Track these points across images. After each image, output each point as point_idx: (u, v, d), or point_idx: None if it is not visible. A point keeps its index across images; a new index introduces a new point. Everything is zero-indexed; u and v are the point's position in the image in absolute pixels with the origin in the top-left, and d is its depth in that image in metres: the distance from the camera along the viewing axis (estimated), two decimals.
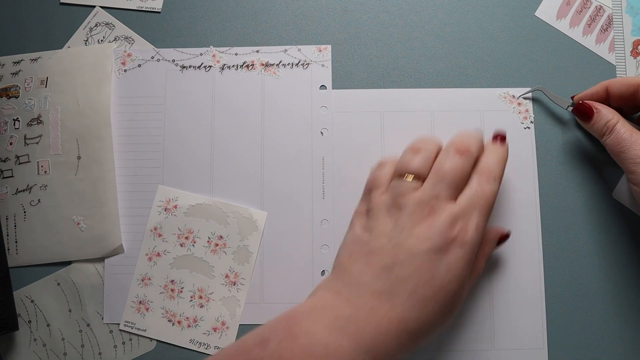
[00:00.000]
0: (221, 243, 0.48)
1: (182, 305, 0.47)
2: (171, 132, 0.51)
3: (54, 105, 0.52)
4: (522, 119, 0.51)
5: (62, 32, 0.54)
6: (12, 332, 0.48)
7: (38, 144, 0.51)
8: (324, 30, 0.53)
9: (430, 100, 0.51)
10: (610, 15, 0.53)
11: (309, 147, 0.51)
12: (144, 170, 0.51)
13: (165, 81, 0.52)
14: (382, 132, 0.51)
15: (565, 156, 0.50)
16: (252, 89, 0.52)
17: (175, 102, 0.52)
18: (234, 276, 0.47)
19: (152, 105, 0.52)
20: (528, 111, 0.51)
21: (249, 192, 0.50)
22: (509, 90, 0.51)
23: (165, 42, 0.53)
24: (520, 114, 0.51)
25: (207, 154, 0.51)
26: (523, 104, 0.51)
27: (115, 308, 0.49)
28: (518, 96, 0.50)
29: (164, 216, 0.48)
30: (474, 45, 0.53)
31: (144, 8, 0.54)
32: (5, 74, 0.53)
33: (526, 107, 0.51)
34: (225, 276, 0.47)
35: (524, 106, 0.51)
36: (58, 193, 0.50)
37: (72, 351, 0.48)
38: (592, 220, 0.49)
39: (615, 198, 0.49)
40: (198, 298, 0.47)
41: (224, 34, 0.54)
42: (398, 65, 0.53)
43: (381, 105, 0.51)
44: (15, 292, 0.49)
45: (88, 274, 0.49)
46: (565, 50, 0.53)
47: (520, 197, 0.49)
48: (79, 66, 0.52)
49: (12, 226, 0.50)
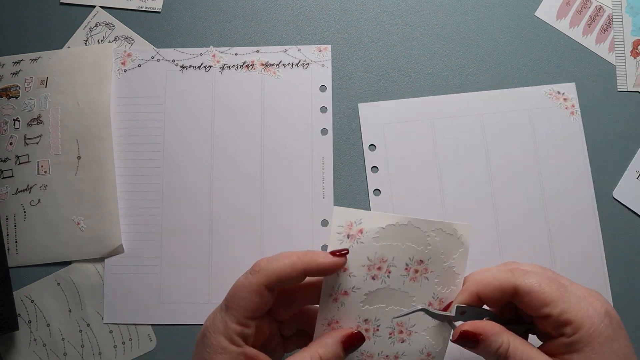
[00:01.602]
0: (422, 268, 0.40)
1: (379, 344, 0.40)
2: (171, 132, 0.51)
3: (54, 105, 0.52)
4: (569, 114, 0.51)
5: (62, 32, 0.54)
6: (12, 332, 0.48)
7: (38, 144, 0.51)
8: (324, 30, 0.53)
9: (478, 103, 0.51)
10: (610, 15, 0.53)
11: (309, 147, 0.51)
12: (144, 170, 0.51)
13: (165, 81, 0.52)
14: (434, 139, 0.51)
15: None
16: (252, 89, 0.52)
17: (175, 102, 0.52)
18: (438, 303, 0.40)
19: (152, 105, 0.52)
20: (574, 106, 0.51)
21: (248, 192, 0.50)
22: (554, 87, 0.52)
23: (165, 42, 0.53)
24: (567, 109, 0.51)
25: (207, 154, 0.51)
26: (569, 100, 0.51)
27: (115, 308, 0.49)
28: (397, 316, 0.41)
29: (348, 245, 0.39)
30: (474, 45, 0.53)
31: (144, 8, 0.54)
32: (5, 74, 0.53)
33: (572, 102, 0.51)
34: (429, 304, 0.40)
35: (570, 101, 0.51)
36: (58, 193, 0.50)
37: (72, 351, 0.48)
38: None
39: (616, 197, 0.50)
40: (398, 333, 0.41)
41: (224, 34, 0.54)
42: (398, 65, 0.53)
43: (431, 113, 0.51)
44: (15, 292, 0.49)
45: (88, 274, 0.49)
46: (565, 50, 0.53)
47: (574, 191, 0.50)
48: (79, 66, 0.52)
49: (12, 226, 0.50)
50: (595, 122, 0.51)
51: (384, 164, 0.51)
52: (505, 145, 0.51)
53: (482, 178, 0.50)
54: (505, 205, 0.49)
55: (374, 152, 0.51)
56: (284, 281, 0.36)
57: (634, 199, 0.49)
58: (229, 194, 0.50)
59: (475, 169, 0.50)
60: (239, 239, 0.50)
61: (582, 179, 0.50)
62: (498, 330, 0.37)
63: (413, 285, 0.40)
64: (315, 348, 0.36)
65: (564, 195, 0.49)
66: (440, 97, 0.52)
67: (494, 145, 0.51)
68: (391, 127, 0.51)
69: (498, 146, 0.50)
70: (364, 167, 0.51)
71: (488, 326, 0.37)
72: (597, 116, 0.51)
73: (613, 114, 0.51)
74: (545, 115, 0.51)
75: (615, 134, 0.51)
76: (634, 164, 0.50)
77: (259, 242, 0.50)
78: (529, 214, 0.49)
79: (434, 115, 0.51)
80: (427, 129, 0.51)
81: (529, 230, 0.48)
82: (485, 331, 0.36)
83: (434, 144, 0.51)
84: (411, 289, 0.39)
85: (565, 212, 0.49)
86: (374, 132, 0.51)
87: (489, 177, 0.50)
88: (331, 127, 0.51)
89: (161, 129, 0.51)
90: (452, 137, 0.51)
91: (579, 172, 0.50)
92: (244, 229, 0.50)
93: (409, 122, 0.51)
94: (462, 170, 0.50)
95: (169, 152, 0.51)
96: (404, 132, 0.51)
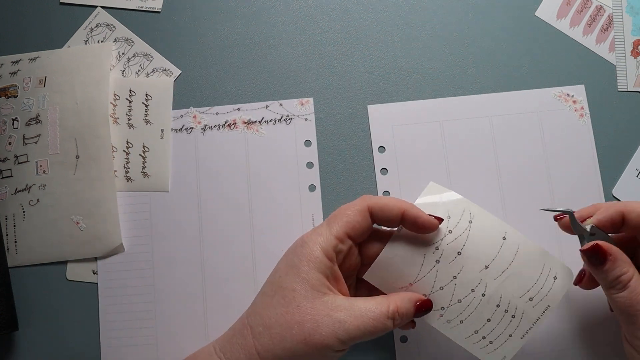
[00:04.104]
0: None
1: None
2: (158, 201, 0.50)
3: (53, 105, 0.51)
4: (579, 116, 0.51)
5: (62, 32, 0.53)
6: (12, 332, 0.48)
7: (37, 144, 0.51)
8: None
9: (487, 105, 0.51)
10: (611, 15, 0.53)
11: (298, 205, 0.50)
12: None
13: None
14: (444, 141, 0.51)
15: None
16: (236, 148, 0.51)
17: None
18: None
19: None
20: (584, 108, 0.51)
21: (239, 259, 0.49)
22: (563, 89, 0.52)
23: (165, 42, 0.53)
24: (577, 111, 0.51)
25: (195, 219, 0.50)
26: (578, 102, 0.51)
27: (114, 308, 0.49)
28: (548, 209, 0.43)
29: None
30: (474, 45, 0.53)
31: (144, 8, 0.54)
32: (3, 74, 0.52)
33: (581, 104, 0.51)
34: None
35: (579, 104, 0.51)
36: (57, 192, 0.50)
37: (72, 351, 0.48)
38: None
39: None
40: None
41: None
42: (398, 65, 0.53)
43: (440, 115, 0.51)
44: (15, 292, 0.49)
45: (88, 274, 0.49)
46: (565, 50, 0.53)
47: (583, 194, 0.50)
48: (77, 65, 0.52)
49: (12, 226, 0.50)
50: (595, 121, 0.51)
51: (393, 166, 0.51)
52: (514, 147, 0.51)
53: (492, 179, 0.50)
54: (514, 206, 0.49)
55: (383, 154, 0.51)
56: (385, 211, 0.40)
57: (633, 197, 0.49)
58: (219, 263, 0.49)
59: (484, 170, 0.50)
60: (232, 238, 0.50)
61: (591, 181, 0.50)
62: (627, 260, 0.38)
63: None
64: (395, 299, 0.39)
65: (573, 198, 0.49)
66: (449, 99, 0.52)
67: (503, 147, 0.51)
68: (400, 128, 0.51)
69: (507, 148, 0.51)
70: (373, 169, 0.51)
71: (619, 252, 0.38)
72: (597, 116, 0.51)
73: (613, 114, 0.51)
74: (554, 117, 0.51)
75: (615, 133, 0.51)
76: (633, 162, 0.50)
77: (250, 233, 0.50)
78: (538, 216, 0.49)
79: (443, 117, 0.51)
80: (436, 130, 0.51)
81: (538, 232, 0.48)
82: (616, 254, 0.38)
83: (443, 145, 0.51)
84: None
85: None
86: (383, 133, 0.51)
87: (498, 178, 0.50)
88: (319, 182, 0.51)
89: (148, 196, 0.51)
90: (462, 138, 0.51)
91: (588, 174, 0.50)
92: (236, 224, 0.50)
93: (418, 123, 0.51)
94: (471, 172, 0.50)
95: (157, 223, 0.50)
96: (413, 133, 0.51)
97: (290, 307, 0.38)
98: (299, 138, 0.51)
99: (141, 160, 0.51)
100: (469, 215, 0.41)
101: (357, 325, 0.37)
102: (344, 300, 0.38)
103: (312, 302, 0.38)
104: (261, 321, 0.38)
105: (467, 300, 0.41)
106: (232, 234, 0.50)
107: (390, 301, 0.39)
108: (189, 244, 0.49)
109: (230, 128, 0.51)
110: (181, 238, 0.49)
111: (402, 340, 0.47)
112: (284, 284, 0.39)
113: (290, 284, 0.38)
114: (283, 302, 0.38)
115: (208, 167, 0.51)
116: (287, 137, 0.51)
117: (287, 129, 0.51)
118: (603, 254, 0.38)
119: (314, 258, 0.38)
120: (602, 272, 0.38)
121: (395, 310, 0.38)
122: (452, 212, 0.41)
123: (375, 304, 0.38)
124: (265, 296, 0.39)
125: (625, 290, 0.37)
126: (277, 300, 0.38)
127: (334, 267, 0.39)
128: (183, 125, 0.52)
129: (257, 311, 0.39)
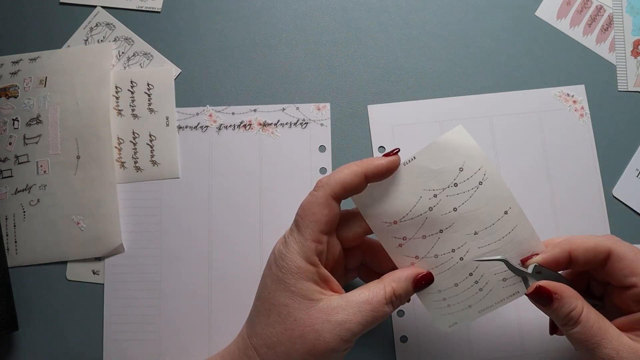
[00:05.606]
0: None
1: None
2: (168, 193, 0.50)
3: (53, 105, 0.51)
4: (579, 116, 0.51)
5: (62, 32, 0.54)
6: (12, 332, 0.48)
7: (37, 144, 0.51)
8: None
9: (487, 105, 0.51)
10: (611, 15, 0.53)
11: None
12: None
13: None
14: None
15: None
16: (250, 149, 0.51)
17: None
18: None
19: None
20: (584, 108, 0.51)
21: (249, 258, 0.49)
22: (563, 89, 0.52)
23: (165, 42, 0.53)
24: (577, 111, 0.51)
25: (204, 226, 0.50)
26: (578, 102, 0.51)
27: (116, 308, 0.49)
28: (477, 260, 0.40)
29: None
30: (474, 45, 0.53)
31: (144, 8, 0.54)
32: (4, 74, 0.53)
33: (581, 104, 0.51)
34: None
35: (579, 104, 0.51)
36: (57, 193, 0.50)
37: (72, 351, 0.48)
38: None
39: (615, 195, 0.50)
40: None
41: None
42: (398, 65, 0.53)
43: (440, 115, 0.51)
44: (15, 292, 0.49)
45: (88, 274, 0.49)
46: (565, 50, 0.53)
47: (584, 194, 0.50)
48: (78, 65, 0.52)
49: (12, 226, 0.50)
50: (595, 121, 0.51)
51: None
52: (514, 147, 0.51)
53: None
54: None
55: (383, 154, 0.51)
56: (348, 189, 0.38)
57: (633, 197, 0.50)
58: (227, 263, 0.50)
59: None
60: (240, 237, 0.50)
61: (591, 181, 0.50)
62: (574, 294, 0.37)
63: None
64: (389, 282, 0.38)
65: (573, 198, 0.50)
66: (449, 99, 0.52)
67: (503, 147, 0.51)
68: (400, 128, 0.51)
69: (507, 148, 0.51)
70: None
71: (564, 288, 0.37)
72: (597, 116, 0.51)
73: (613, 114, 0.51)
74: (554, 117, 0.51)
75: (615, 133, 0.51)
76: (633, 162, 0.50)
77: (259, 235, 0.50)
78: (538, 216, 0.49)
79: (443, 116, 0.51)
80: (436, 130, 0.51)
81: (538, 233, 0.48)
82: (561, 292, 0.37)
83: None
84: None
85: (574, 214, 0.49)
86: (383, 133, 0.51)
87: None
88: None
89: (159, 192, 0.51)
90: None
91: (588, 174, 0.50)
92: (245, 227, 0.50)
93: (418, 123, 0.51)
94: None
95: (166, 239, 0.50)
96: (413, 133, 0.51)
97: (287, 323, 0.37)
98: (314, 143, 0.51)
99: (149, 149, 0.51)
100: (482, 176, 0.39)
101: (357, 321, 0.37)
102: (339, 300, 0.37)
103: (308, 312, 0.37)
104: (263, 342, 0.38)
105: (443, 258, 0.39)
106: (241, 234, 0.50)
107: (385, 284, 0.38)
108: (197, 242, 0.49)
109: (246, 129, 0.52)
110: (190, 236, 0.50)
111: (402, 340, 0.47)
112: (275, 301, 0.38)
113: (281, 300, 0.38)
114: (279, 319, 0.37)
115: (221, 165, 0.51)
116: (302, 141, 0.51)
117: (303, 133, 0.51)
118: (548, 294, 0.37)
119: (297, 269, 0.37)
120: (552, 311, 0.37)
121: (392, 293, 0.38)
122: (467, 165, 0.39)
123: (370, 294, 0.37)
124: (261, 315, 0.39)
125: (578, 326, 0.36)
126: (273, 319, 0.38)
127: (320, 269, 0.38)
128: (198, 123, 0.52)
129: (257, 332, 0.38)
